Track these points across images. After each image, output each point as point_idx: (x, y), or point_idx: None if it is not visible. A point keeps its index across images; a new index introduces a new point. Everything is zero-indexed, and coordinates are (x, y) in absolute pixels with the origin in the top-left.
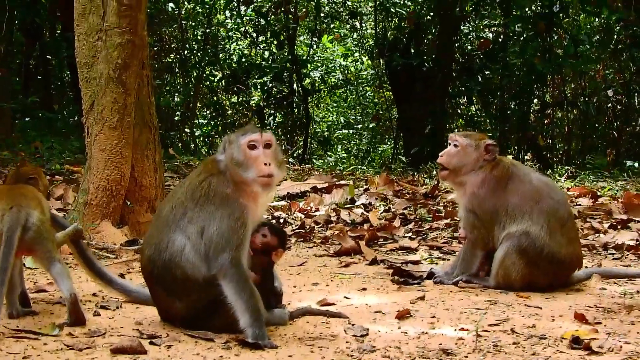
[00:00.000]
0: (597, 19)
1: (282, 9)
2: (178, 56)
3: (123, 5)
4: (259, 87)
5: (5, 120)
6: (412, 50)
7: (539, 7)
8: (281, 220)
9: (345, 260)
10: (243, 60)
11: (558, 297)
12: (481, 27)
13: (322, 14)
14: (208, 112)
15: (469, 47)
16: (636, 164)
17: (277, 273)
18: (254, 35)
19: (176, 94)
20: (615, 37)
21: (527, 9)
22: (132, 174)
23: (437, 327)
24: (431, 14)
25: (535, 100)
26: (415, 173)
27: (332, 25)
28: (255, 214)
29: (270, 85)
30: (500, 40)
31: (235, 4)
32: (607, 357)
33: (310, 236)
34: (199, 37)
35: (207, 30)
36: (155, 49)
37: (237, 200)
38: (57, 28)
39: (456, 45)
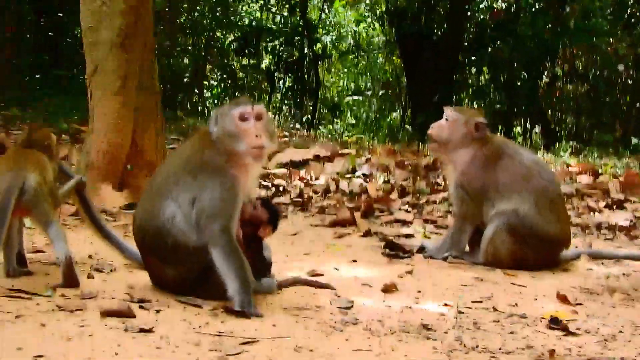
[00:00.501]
0: None
1: None
2: (189, 17)
3: None
4: (269, 50)
5: (15, 78)
6: (423, 19)
7: None
8: (280, 188)
9: (340, 231)
10: (254, 23)
11: (544, 276)
12: None
13: None
14: (218, 74)
15: (480, 18)
16: None
17: (266, 242)
18: None
19: (186, 56)
20: (628, 10)
21: None
22: (133, 138)
23: (421, 302)
24: None
25: (545, 73)
26: (421, 143)
27: None
28: (246, 185)
29: (281, 49)
30: (511, 11)
31: None
32: (583, 339)
33: (308, 205)
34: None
35: None
36: (167, 9)
37: (229, 171)
38: None
39: (467, 15)
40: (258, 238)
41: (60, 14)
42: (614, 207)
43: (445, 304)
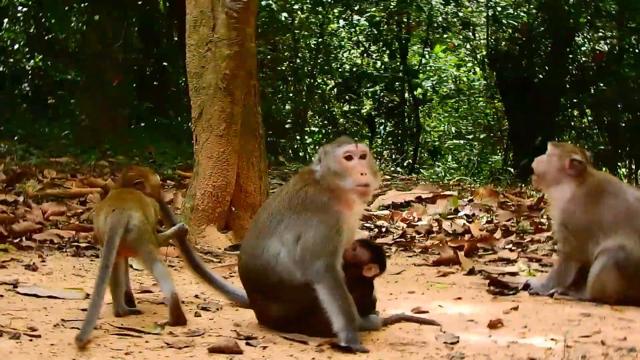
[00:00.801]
0: None
1: (395, 19)
2: (291, 64)
3: (232, 18)
4: (370, 96)
5: (121, 125)
6: (524, 62)
7: None
8: (383, 229)
9: (443, 270)
10: (355, 69)
11: None
12: (595, 39)
13: (434, 24)
14: (319, 120)
15: (583, 59)
16: None
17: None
18: (366, 44)
19: (288, 102)
20: None
21: None
22: (237, 181)
23: (528, 337)
24: (544, 25)
25: None
26: (523, 185)
27: (444, 36)
28: (350, 222)
29: (382, 94)
30: (614, 52)
31: (349, 13)
32: None
33: (411, 245)
34: (312, 46)
35: (320, 39)
36: (269, 57)
37: (333, 208)
38: (173, 36)
39: (569, 57)
40: (366, 278)
41: (165, 63)
42: None
43: (553, 339)
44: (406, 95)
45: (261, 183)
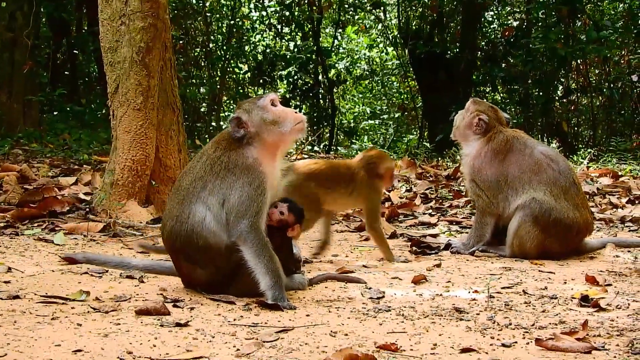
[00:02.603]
0: (620, 5)
1: (306, 0)
2: (203, 49)
3: None
4: (284, 78)
5: (34, 113)
6: (436, 39)
7: None
8: None
9: (365, 234)
10: (268, 51)
11: (571, 263)
12: (504, 14)
13: (345, 5)
14: (234, 104)
15: (492, 35)
16: None
17: (295, 241)
18: (279, 27)
19: (202, 87)
20: (639, 22)
21: None
22: (156, 154)
23: (452, 290)
24: (454, 2)
25: (560, 87)
26: (440, 159)
27: (356, 17)
28: (273, 181)
29: (296, 76)
30: (523, 27)
31: None
32: (614, 314)
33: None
34: (223, 30)
35: (232, 23)
36: (181, 42)
37: (257, 169)
38: (83, 24)
39: (479, 33)
40: (287, 237)
41: (76, 51)
42: (637, 202)
43: (476, 291)
44: (320, 77)
45: (180, 156)
